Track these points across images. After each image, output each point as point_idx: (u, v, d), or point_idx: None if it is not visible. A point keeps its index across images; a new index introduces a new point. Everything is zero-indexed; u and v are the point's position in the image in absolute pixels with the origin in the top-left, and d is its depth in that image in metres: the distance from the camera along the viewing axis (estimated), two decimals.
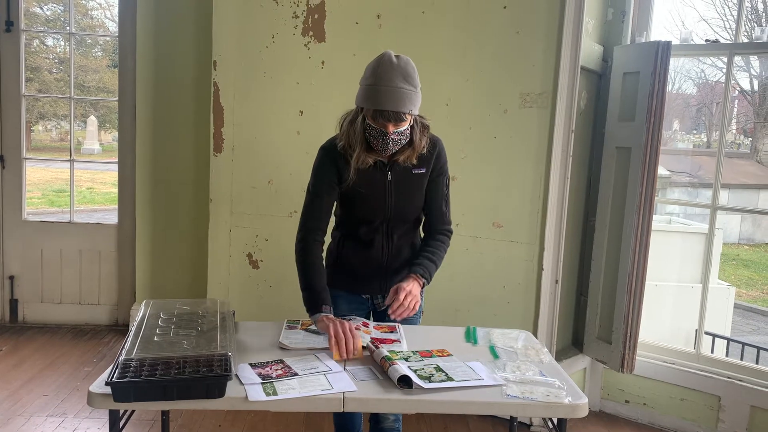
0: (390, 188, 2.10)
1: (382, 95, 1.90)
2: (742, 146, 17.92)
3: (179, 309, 2.03)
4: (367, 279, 2.22)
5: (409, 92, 1.93)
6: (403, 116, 1.93)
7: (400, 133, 1.97)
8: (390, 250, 2.18)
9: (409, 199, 2.14)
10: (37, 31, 17.12)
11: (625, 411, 3.34)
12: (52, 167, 14.99)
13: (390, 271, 2.20)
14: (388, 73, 1.91)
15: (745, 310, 9.64)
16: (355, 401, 1.64)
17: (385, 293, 2.21)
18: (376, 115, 1.93)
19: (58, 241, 4.28)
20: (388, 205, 2.11)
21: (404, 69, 1.93)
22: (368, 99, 1.94)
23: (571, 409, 1.65)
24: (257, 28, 3.22)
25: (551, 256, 2.98)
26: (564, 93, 2.88)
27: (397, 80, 1.90)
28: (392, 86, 1.90)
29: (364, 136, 2.00)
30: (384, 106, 1.91)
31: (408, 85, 1.92)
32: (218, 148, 3.32)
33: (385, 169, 2.08)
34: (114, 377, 1.53)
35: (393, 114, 1.91)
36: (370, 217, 2.14)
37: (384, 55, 1.95)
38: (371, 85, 1.93)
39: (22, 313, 4.31)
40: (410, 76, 1.93)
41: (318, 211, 2.13)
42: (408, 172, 2.10)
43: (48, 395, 3.26)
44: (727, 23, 16.73)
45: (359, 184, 2.08)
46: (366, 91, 1.95)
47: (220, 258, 3.40)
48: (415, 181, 2.12)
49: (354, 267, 2.21)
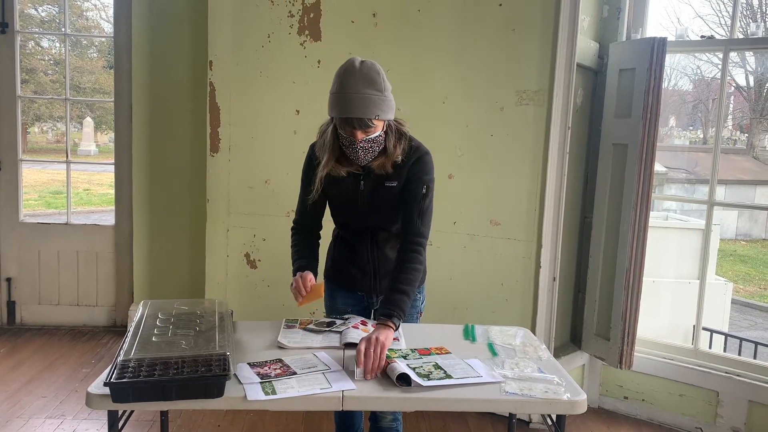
0: (363, 198, 2.08)
1: (346, 102, 1.87)
2: (738, 142, 17.94)
3: (177, 309, 2.03)
4: (359, 280, 2.23)
5: (374, 97, 1.88)
6: (369, 122, 1.89)
7: (371, 141, 1.94)
8: (375, 254, 2.18)
9: (382, 210, 2.10)
10: (32, 33, 17.06)
11: (624, 407, 3.35)
12: (49, 169, 14.96)
13: (380, 274, 2.20)
14: (350, 80, 1.88)
15: (742, 305, 9.66)
16: (354, 400, 1.64)
17: (378, 294, 2.22)
18: (343, 123, 1.92)
19: (55, 243, 4.27)
20: (362, 215, 2.12)
21: (367, 74, 1.89)
22: (334, 107, 1.92)
23: (570, 405, 1.65)
24: (253, 27, 3.22)
25: (549, 253, 2.99)
26: (560, 90, 2.89)
27: (359, 86, 1.87)
28: (355, 93, 1.86)
29: (337, 144, 1.99)
30: (348, 113, 1.88)
31: (372, 90, 1.88)
32: (215, 148, 3.32)
33: (358, 179, 2.06)
34: (112, 378, 1.53)
35: (357, 121, 1.88)
36: (350, 222, 2.17)
37: (348, 61, 1.92)
38: (335, 93, 1.91)
39: (19, 315, 4.30)
40: (374, 80, 1.89)
41: (302, 204, 2.20)
42: (381, 184, 2.05)
43: (47, 397, 3.25)
44: (722, 19, 16.76)
45: (334, 192, 2.10)
46: (332, 100, 1.93)
47: (217, 258, 3.39)
48: (387, 195, 2.07)
49: (345, 268, 2.23)
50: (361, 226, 2.16)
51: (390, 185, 2.05)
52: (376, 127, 1.93)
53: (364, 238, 2.17)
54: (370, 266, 2.19)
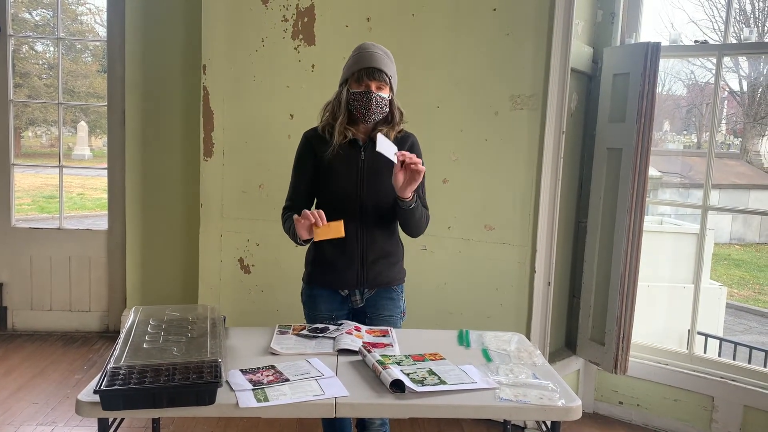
0: (363, 167, 2.17)
1: (365, 57, 2.12)
2: (732, 147, 18.03)
3: (169, 315, 2.01)
4: (345, 271, 2.21)
5: (388, 61, 2.15)
6: (385, 77, 2.11)
7: (381, 98, 2.12)
8: (365, 238, 2.18)
9: (380, 180, 2.16)
10: (26, 37, 17.03)
11: (619, 412, 3.34)
12: (42, 173, 14.91)
13: (367, 262, 2.20)
14: (368, 46, 2.16)
15: (737, 309, 9.69)
16: (347, 406, 1.63)
17: (363, 287, 2.22)
18: (361, 75, 2.11)
19: (47, 248, 4.24)
20: (361, 185, 2.16)
21: (383, 48, 2.18)
22: (353, 65, 2.14)
23: (565, 411, 1.64)
24: (247, 31, 3.21)
25: (543, 258, 2.98)
26: (554, 95, 2.88)
27: (377, 49, 2.15)
28: (374, 52, 2.14)
29: (347, 106, 2.15)
30: (368, 64, 2.11)
31: (387, 56, 2.15)
32: (208, 153, 3.30)
33: (359, 149, 2.18)
34: (102, 385, 1.51)
35: (376, 71, 2.10)
36: (342, 197, 2.18)
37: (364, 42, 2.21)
38: (356, 54, 2.16)
39: (11, 321, 4.27)
40: (388, 53, 2.17)
41: (298, 186, 2.26)
42: (381, 154, 2.11)
43: (38, 404, 3.22)
44: (716, 24, 16.86)
45: (335, 162, 2.17)
46: (350, 62, 2.17)
47: (211, 263, 3.37)
48: (388, 164, 2.12)
49: (331, 260, 2.21)
50: (355, 203, 2.16)
51: None
52: (386, 88, 2.14)
53: (355, 220, 2.16)
54: (358, 251, 2.18)
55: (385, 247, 2.22)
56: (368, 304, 2.27)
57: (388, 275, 2.25)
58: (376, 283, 2.24)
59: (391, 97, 2.17)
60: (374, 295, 2.26)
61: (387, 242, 2.24)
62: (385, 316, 2.26)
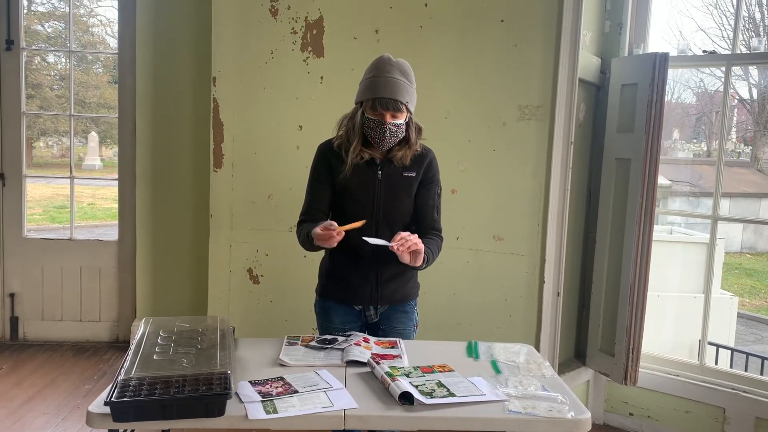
0: (380, 187, 2.14)
1: (381, 85, 2.03)
2: (742, 155, 17.91)
3: (179, 327, 2.02)
4: (359, 288, 2.21)
5: (406, 85, 2.06)
6: (400, 105, 2.04)
7: (396, 126, 2.06)
8: (380, 257, 2.17)
9: (398, 200, 2.16)
10: (38, 49, 17.21)
11: (630, 424, 3.32)
12: (53, 183, 15.02)
13: (382, 280, 2.20)
14: (386, 67, 2.06)
15: (748, 319, 9.59)
16: (356, 418, 1.63)
17: (377, 304, 2.21)
18: (375, 104, 2.04)
19: (58, 258, 4.27)
20: (377, 204, 2.14)
21: (401, 66, 2.08)
22: (367, 90, 2.06)
23: (574, 424, 1.64)
24: (256, 44, 3.23)
25: (552, 268, 2.98)
26: (562, 105, 2.89)
27: (394, 73, 2.05)
28: (390, 77, 2.04)
29: (362, 130, 2.09)
30: (382, 94, 2.02)
31: (405, 79, 2.06)
32: (218, 164, 3.32)
33: (376, 168, 2.14)
34: (113, 397, 1.53)
35: (391, 102, 2.02)
36: (359, 218, 2.14)
37: (382, 55, 2.11)
38: (370, 78, 2.07)
39: (22, 331, 4.30)
40: (407, 72, 2.08)
41: (314, 202, 2.21)
42: (398, 173, 2.15)
43: (49, 414, 3.24)
44: (725, 32, 16.79)
45: (351, 181, 2.14)
46: (365, 85, 2.08)
47: (220, 273, 3.39)
48: (405, 184, 2.16)
49: (346, 276, 2.21)
50: (369, 219, 2.14)
51: (408, 175, 2.16)
52: (403, 114, 2.07)
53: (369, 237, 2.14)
54: (373, 270, 2.19)
55: (400, 266, 2.22)
56: (382, 317, 2.27)
57: (402, 292, 2.26)
58: (390, 300, 2.25)
59: (409, 119, 2.11)
60: (388, 309, 2.27)
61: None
62: (398, 329, 2.27)
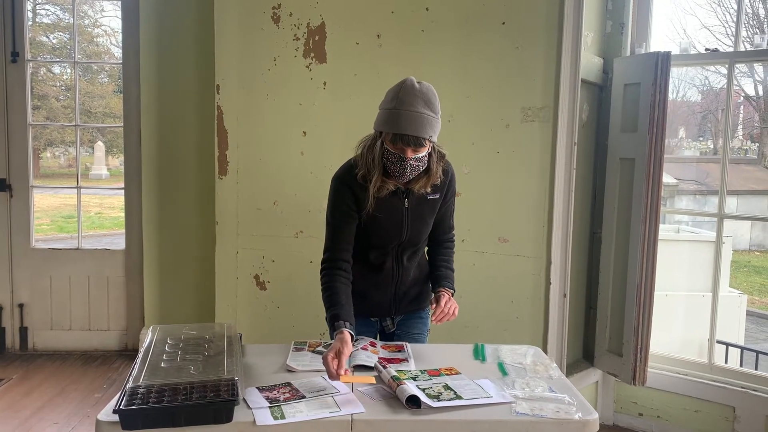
0: (407, 215, 2.10)
1: (403, 119, 1.89)
2: (749, 152, 17.82)
3: (186, 334, 2.03)
4: (377, 302, 2.22)
5: (430, 118, 1.91)
6: (423, 141, 1.91)
7: (418, 159, 1.95)
8: (401, 272, 2.19)
9: (424, 224, 2.15)
10: (43, 61, 17.33)
11: (639, 424, 3.30)
12: (61, 193, 15.08)
13: (400, 293, 2.21)
14: (409, 98, 1.89)
15: (758, 317, 9.53)
16: (363, 423, 1.63)
17: (395, 315, 2.22)
18: (396, 139, 1.92)
19: (66, 268, 4.30)
20: (405, 231, 2.11)
21: (426, 95, 1.92)
22: (388, 123, 1.92)
23: (582, 425, 1.64)
24: (259, 51, 3.25)
25: (558, 269, 2.97)
26: (565, 106, 2.89)
27: (418, 105, 1.89)
28: (413, 111, 1.89)
29: (381, 161, 1.97)
30: (404, 130, 1.89)
31: (429, 111, 1.91)
32: (223, 171, 3.34)
33: (402, 196, 2.08)
34: (122, 405, 1.53)
35: (413, 139, 1.90)
36: (384, 243, 2.13)
37: (406, 80, 1.94)
38: (392, 109, 1.91)
39: (31, 341, 4.32)
40: (431, 102, 1.92)
41: (339, 241, 2.09)
42: (424, 198, 2.10)
43: (59, 423, 3.25)
44: (728, 29, 16.70)
45: (377, 210, 2.05)
46: (386, 115, 1.93)
47: (227, 280, 3.40)
48: (431, 207, 2.14)
49: (364, 291, 2.19)
50: (395, 244, 2.13)
51: (433, 198, 2.13)
52: (425, 147, 1.94)
53: (391, 255, 2.16)
54: (392, 286, 2.19)
55: (416, 275, 2.23)
56: (398, 325, 2.30)
57: (418, 300, 2.28)
58: (408, 311, 2.27)
59: (430, 151, 1.99)
60: (404, 318, 2.29)
61: (417, 270, 2.25)
62: (414, 334, 2.29)
